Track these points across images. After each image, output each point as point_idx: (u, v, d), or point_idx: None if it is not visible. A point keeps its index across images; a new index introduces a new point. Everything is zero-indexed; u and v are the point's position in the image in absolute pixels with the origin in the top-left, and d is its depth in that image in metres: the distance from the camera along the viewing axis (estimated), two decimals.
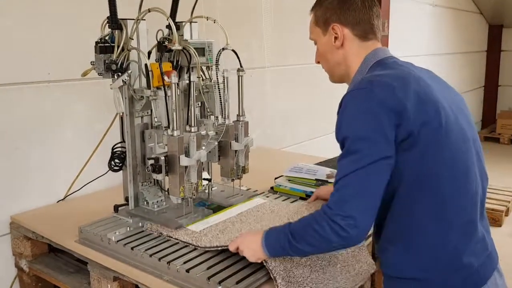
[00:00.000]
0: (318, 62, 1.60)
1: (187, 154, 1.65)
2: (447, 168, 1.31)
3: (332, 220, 1.25)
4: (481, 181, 1.42)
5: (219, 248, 1.56)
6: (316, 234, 1.29)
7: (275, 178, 2.26)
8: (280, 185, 2.21)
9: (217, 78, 1.83)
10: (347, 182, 1.27)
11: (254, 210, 1.90)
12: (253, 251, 1.43)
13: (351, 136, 1.29)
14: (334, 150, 2.03)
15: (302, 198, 2.11)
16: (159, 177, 1.67)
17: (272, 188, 2.23)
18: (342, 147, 1.33)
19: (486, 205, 1.53)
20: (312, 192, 2.08)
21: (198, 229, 1.71)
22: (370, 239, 1.88)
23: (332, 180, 2.08)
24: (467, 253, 1.35)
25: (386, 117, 1.26)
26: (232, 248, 1.50)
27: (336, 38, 1.48)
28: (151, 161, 1.66)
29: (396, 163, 1.28)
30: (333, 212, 1.26)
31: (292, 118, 3.84)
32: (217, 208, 1.93)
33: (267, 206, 1.95)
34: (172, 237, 1.67)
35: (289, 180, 2.21)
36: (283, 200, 2.09)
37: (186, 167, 1.65)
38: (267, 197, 2.11)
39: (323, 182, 2.11)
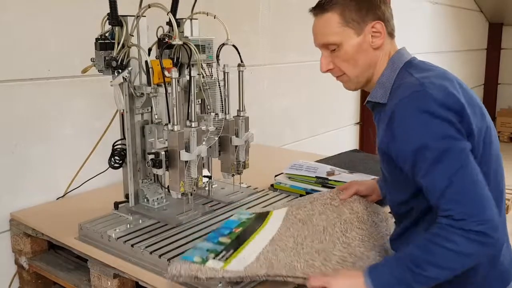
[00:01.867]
0: (327, 71, 1.45)
1: (188, 149, 1.65)
2: (492, 175, 1.31)
3: (467, 231, 1.13)
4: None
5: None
6: (450, 252, 1.14)
7: (275, 176, 2.26)
8: (280, 183, 2.20)
9: (218, 74, 1.83)
10: (458, 188, 1.17)
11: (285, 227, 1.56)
12: None
13: (429, 143, 1.19)
14: (334, 147, 2.03)
15: (302, 196, 2.10)
16: (159, 172, 1.66)
17: (272, 185, 2.23)
18: (416, 159, 1.22)
19: None
20: (312, 190, 2.08)
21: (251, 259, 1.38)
22: None
23: (333, 177, 2.08)
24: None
25: (450, 116, 1.20)
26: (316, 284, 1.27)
27: (376, 37, 1.37)
28: (151, 156, 1.66)
29: None
30: (465, 222, 1.13)
31: (292, 115, 3.84)
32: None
33: (292, 217, 1.62)
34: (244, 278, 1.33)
35: (289, 178, 2.20)
36: (283, 198, 2.08)
37: (186, 162, 1.64)
38: (267, 194, 2.11)
39: (323, 180, 2.10)
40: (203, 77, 1.87)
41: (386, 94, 1.36)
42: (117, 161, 1.86)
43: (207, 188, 2.06)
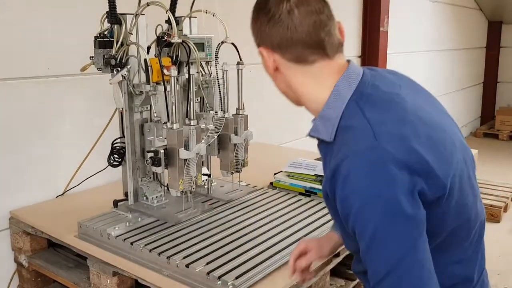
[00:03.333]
0: None
1: (187, 147, 1.65)
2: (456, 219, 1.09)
3: None
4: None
5: None
6: None
7: (275, 174, 2.26)
8: (279, 181, 2.21)
9: (217, 72, 1.83)
10: (397, 279, 0.97)
11: None
12: None
13: (376, 217, 0.97)
14: None
15: (301, 194, 2.11)
16: (158, 170, 1.67)
17: (271, 183, 2.23)
18: (356, 229, 1.00)
19: (485, 201, 1.50)
20: (311, 188, 2.08)
21: None
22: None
23: None
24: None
25: (410, 179, 0.97)
26: None
27: (266, 64, 1.24)
28: (151, 154, 1.66)
29: None
30: None
31: (292, 113, 3.83)
32: None
33: None
34: None
35: (288, 176, 2.21)
36: (282, 196, 2.09)
37: (185, 160, 1.65)
38: (266, 192, 2.12)
39: (322, 178, 2.10)
40: (202, 75, 1.88)
41: (332, 132, 1.10)
42: (116, 159, 1.86)
43: (206, 186, 2.06)
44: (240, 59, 1.90)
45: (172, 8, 1.86)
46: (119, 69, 1.72)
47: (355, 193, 0.98)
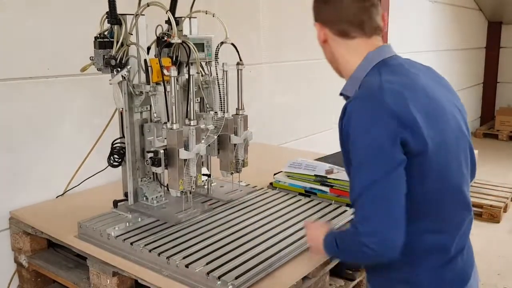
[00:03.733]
0: None
1: (187, 147, 1.65)
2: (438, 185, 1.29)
3: (360, 239, 1.20)
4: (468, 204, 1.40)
5: None
6: (353, 249, 1.28)
7: (274, 174, 2.26)
8: (279, 181, 2.21)
9: (216, 73, 1.83)
10: (366, 198, 1.20)
11: None
12: (316, 247, 1.46)
13: (363, 148, 1.22)
14: (333, 146, 2.04)
15: (301, 194, 2.11)
16: (158, 170, 1.67)
17: (271, 184, 2.24)
18: (351, 159, 1.25)
19: (485, 202, 1.56)
20: (311, 188, 2.09)
21: None
22: None
23: (332, 176, 2.09)
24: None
25: (397, 128, 1.19)
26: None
27: (319, 36, 1.47)
28: (150, 154, 1.66)
29: None
30: (359, 231, 1.20)
31: (291, 114, 3.84)
32: None
33: None
34: None
35: (288, 176, 2.21)
36: (282, 196, 2.09)
37: (185, 160, 1.65)
38: (266, 193, 2.12)
39: (322, 178, 2.11)
40: (202, 75, 1.88)
41: (354, 89, 1.36)
42: (116, 160, 1.86)
43: (206, 186, 2.06)
44: (240, 60, 1.90)
45: (172, 8, 1.86)
46: (119, 69, 1.72)
47: (353, 128, 1.23)
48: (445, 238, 1.34)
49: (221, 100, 1.84)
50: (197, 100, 1.96)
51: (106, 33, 1.76)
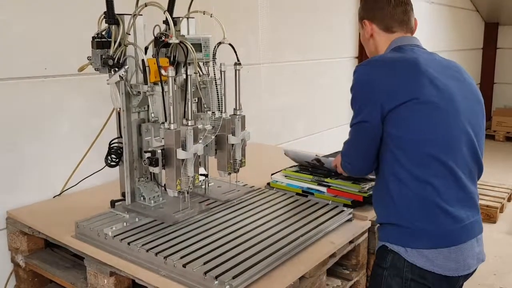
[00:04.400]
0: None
1: (184, 147, 1.65)
2: (419, 136, 1.54)
3: (344, 165, 1.76)
4: (469, 171, 1.61)
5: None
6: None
7: (272, 174, 2.26)
8: (276, 181, 2.21)
9: (214, 73, 1.83)
10: (348, 145, 1.72)
11: None
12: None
13: (352, 98, 1.64)
14: (331, 146, 2.05)
15: (298, 194, 2.11)
16: (155, 170, 1.67)
17: (268, 184, 2.24)
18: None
19: (481, 202, 1.59)
20: (309, 188, 2.09)
21: None
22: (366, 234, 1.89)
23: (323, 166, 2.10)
24: (439, 212, 1.54)
25: (374, 92, 1.57)
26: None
27: (366, 31, 1.80)
28: (148, 154, 1.66)
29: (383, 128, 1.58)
30: (343, 160, 1.76)
31: (289, 114, 3.84)
32: None
33: None
34: None
35: (285, 176, 2.21)
36: (279, 196, 2.09)
37: (183, 160, 1.65)
38: (264, 193, 2.12)
39: (319, 178, 2.11)
40: (199, 75, 1.88)
41: None
42: (113, 160, 1.86)
43: (203, 187, 2.07)
44: (238, 60, 1.90)
45: (170, 8, 1.86)
46: (116, 69, 1.72)
47: (352, 90, 1.66)
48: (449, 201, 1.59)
49: (218, 100, 1.85)
50: (195, 100, 1.96)
51: (104, 33, 1.76)
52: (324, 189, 2.06)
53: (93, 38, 1.75)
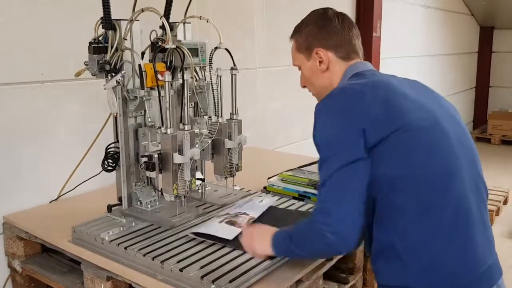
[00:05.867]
0: (304, 87, 1.63)
1: (181, 152, 1.66)
2: (422, 170, 1.26)
3: (318, 230, 1.26)
4: (476, 187, 1.38)
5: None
6: (307, 242, 1.34)
7: (268, 178, 2.27)
8: (273, 185, 2.22)
9: (211, 78, 1.84)
10: (325, 190, 1.28)
11: None
12: (263, 248, 1.45)
13: (322, 143, 1.33)
14: None
15: (295, 198, 2.12)
16: (152, 174, 1.67)
17: (265, 188, 2.25)
18: (319, 155, 1.34)
19: None
20: (305, 192, 2.10)
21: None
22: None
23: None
24: (455, 262, 1.28)
25: (355, 122, 1.27)
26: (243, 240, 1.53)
27: (321, 62, 1.51)
28: (145, 159, 1.67)
29: (371, 171, 1.27)
30: (318, 221, 1.27)
31: (285, 118, 3.85)
32: None
33: None
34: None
35: (282, 180, 2.22)
36: (276, 200, 2.10)
37: (179, 165, 1.65)
38: (260, 196, 2.12)
39: (316, 182, 2.12)
40: (196, 80, 1.89)
41: None
42: (110, 164, 1.86)
43: (200, 191, 2.07)
44: (234, 64, 1.92)
45: (166, 14, 1.87)
46: (113, 74, 1.73)
47: (317, 126, 1.37)
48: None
49: (215, 104, 1.85)
50: (191, 105, 1.97)
51: (100, 38, 1.76)
52: None
53: (90, 43, 1.75)
